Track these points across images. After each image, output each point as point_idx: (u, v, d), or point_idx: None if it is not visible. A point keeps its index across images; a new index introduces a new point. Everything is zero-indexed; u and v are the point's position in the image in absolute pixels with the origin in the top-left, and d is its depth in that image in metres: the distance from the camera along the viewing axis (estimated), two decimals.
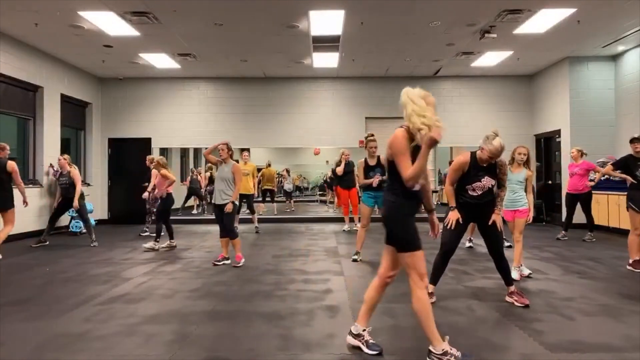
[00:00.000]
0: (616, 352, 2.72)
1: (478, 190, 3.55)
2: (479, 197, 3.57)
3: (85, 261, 5.78)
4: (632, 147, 5.18)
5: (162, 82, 10.71)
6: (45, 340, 2.99)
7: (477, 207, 3.59)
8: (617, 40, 8.11)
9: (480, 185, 3.54)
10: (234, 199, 5.42)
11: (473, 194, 3.56)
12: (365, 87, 10.80)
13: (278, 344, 2.88)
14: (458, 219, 3.57)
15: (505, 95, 10.72)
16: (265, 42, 8.13)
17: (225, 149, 5.51)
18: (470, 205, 3.59)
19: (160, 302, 3.86)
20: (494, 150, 3.43)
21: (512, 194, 4.61)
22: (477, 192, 3.55)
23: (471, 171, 3.53)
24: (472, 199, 3.57)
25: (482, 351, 2.75)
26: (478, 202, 3.58)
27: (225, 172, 5.44)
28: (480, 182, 3.53)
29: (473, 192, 3.56)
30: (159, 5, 6.43)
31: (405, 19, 7.00)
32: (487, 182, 3.54)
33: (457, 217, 3.57)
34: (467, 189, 3.57)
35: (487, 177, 3.54)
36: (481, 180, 3.53)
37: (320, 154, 11.97)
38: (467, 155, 3.59)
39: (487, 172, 3.54)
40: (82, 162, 10.36)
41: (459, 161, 3.59)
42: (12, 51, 7.77)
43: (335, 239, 7.67)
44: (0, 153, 6.15)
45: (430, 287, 3.71)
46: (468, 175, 3.55)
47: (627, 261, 5.15)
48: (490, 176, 3.55)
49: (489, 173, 3.55)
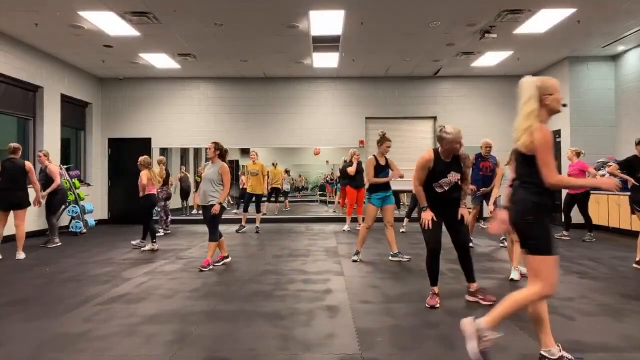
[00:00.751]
0: (616, 352, 2.72)
1: (445, 186, 3.55)
2: (447, 192, 3.57)
3: (85, 261, 5.78)
4: (638, 149, 5.19)
5: (162, 82, 10.72)
6: (45, 340, 2.99)
7: (446, 203, 3.60)
8: (617, 40, 8.11)
9: (447, 181, 3.54)
10: (222, 200, 5.21)
11: (440, 190, 3.56)
12: (365, 87, 10.80)
13: (278, 344, 2.88)
14: (432, 217, 3.55)
15: (506, 95, 10.71)
16: (265, 42, 8.13)
17: (212, 148, 5.35)
18: (438, 202, 3.58)
19: (160, 302, 3.86)
20: (454, 133, 3.43)
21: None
22: (445, 188, 3.56)
23: (436, 168, 3.52)
24: (439, 195, 3.56)
25: None
26: (445, 197, 3.58)
27: (210, 173, 5.29)
28: (447, 178, 3.54)
29: (440, 188, 3.56)
30: (159, 5, 6.43)
31: (405, 19, 7.00)
32: (452, 177, 3.55)
33: (431, 216, 3.55)
34: (434, 186, 3.56)
35: (452, 171, 3.55)
36: (447, 176, 3.53)
37: (320, 154, 11.97)
38: (430, 152, 3.57)
39: (452, 167, 3.55)
40: (82, 162, 10.37)
41: (423, 158, 3.55)
42: (12, 51, 7.77)
43: (335, 239, 7.67)
44: (16, 153, 6.23)
45: (435, 288, 3.73)
46: (434, 172, 3.53)
47: (630, 261, 5.18)
48: (455, 170, 3.56)
49: (454, 167, 3.55)
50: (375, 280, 4.59)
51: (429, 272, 3.72)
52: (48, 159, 7.26)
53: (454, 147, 3.49)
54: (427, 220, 3.53)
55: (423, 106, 10.74)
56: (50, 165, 7.18)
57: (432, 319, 3.34)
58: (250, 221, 9.01)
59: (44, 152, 7.29)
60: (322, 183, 15.50)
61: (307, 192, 15.48)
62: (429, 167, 3.53)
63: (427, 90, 10.78)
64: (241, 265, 5.48)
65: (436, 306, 3.63)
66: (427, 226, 3.54)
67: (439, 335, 3.02)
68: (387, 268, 5.20)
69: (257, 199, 8.54)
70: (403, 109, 10.74)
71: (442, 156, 3.55)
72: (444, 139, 3.48)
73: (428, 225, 3.53)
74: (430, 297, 3.70)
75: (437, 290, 3.75)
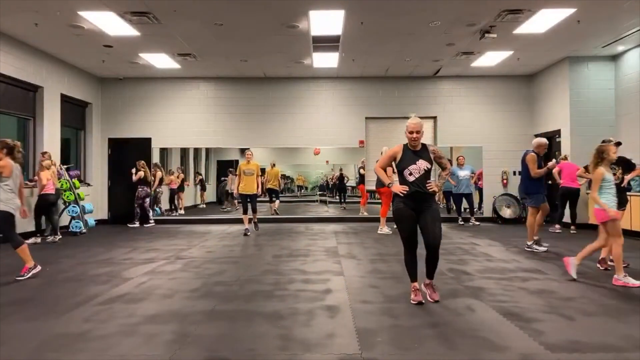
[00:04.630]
0: (616, 352, 2.72)
1: (415, 173, 3.71)
2: (418, 181, 3.70)
3: (85, 261, 5.79)
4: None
5: (162, 82, 10.72)
6: (45, 340, 2.99)
7: (420, 199, 3.71)
8: (617, 40, 8.11)
9: (416, 167, 3.72)
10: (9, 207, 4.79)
11: (411, 178, 3.71)
12: (365, 87, 10.80)
13: (278, 344, 2.88)
14: (404, 190, 3.70)
15: (505, 95, 10.72)
16: (265, 42, 8.13)
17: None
18: (413, 197, 3.71)
19: (160, 302, 3.86)
20: (409, 125, 3.73)
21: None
22: (415, 175, 3.71)
23: (405, 156, 3.77)
24: (413, 185, 3.70)
25: (482, 351, 2.75)
26: (419, 193, 3.69)
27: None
28: (415, 165, 3.72)
29: (410, 176, 3.72)
30: (159, 5, 6.43)
31: (405, 19, 7.00)
32: (421, 164, 3.73)
33: (403, 188, 3.70)
34: (405, 174, 3.74)
35: (421, 160, 3.74)
36: (416, 162, 3.72)
37: (320, 154, 11.96)
38: (400, 145, 3.87)
39: (420, 156, 3.76)
40: (82, 162, 10.37)
41: (392, 150, 3.86)
42: (12, 51, 7.77)
43: (335, 239, 7.67)
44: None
45: (415, 284, 3.80)
46: (403, 161, 3.76)
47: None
48: (424, 160, 3.74)
49: (422, 157, 3.75)
50: (375, 280, 4.59)
51: (408, 269, 3.82)
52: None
53: (409, 134, 3.74)
54: (401, 190, 3.70)
55: (423, 106, 10.74)
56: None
57: (432, 319, 3.34)
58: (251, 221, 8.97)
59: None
60: (322, 183, 15.46)
61: (307, 191, 15.47)
62: (396, 157, 3.80)
63: (427, 90, 10.78)
64: (241, 265, 5.48)
65: (422, 302, 3.70)
66: (402, 193, 3.69)
67: (439, 335, 3.02)
68: (387, 268, 5.20)
69: (251, 199, 8.34)
70: (403, 109, 10.73)
71: (410, 146, 3.79)
72: (407, 125, 3.76)
73: (403, 192, 3.69)
74: (414, 293, 3.76)
75: (418, 285, 3.81)
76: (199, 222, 10.58)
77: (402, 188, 3.70)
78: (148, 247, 6.87)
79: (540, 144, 6.29)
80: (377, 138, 10.77)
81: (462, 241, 7.32)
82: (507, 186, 10.56)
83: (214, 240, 7.72)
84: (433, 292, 3.85)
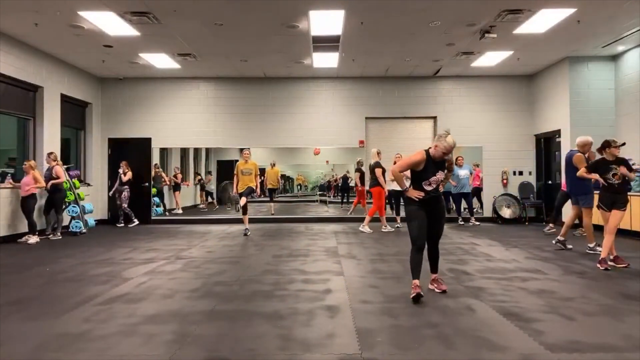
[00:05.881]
0: (616, 352, 2.72)
1: (434, 184, 3.92)
2: (434, 190, 3.93)
3: (85, 261, 5.78)
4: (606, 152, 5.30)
5: (162, 82, 10.72)
6: (45, 340, 2.99)
7: (433, 203, 3.94)
8: (617, 40, 8.11)
9: (435, 179, 3.91)
10: None
11: (428, 188, 3.90)
12: (365, 87, 10.80)
13: (278, 344, 2.88)
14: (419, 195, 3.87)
15: (505, 95, 10.72)
16: (265, 42, 8.13)
17: None
18: (427, 202, 3.91)
19: (160, 302, 3.86)
20: (447, 146, 3.81)
21: None
22: (433, 186, 3.92)
23: (428, 168, 3.88)
24: (428, 193, 3.90)
25: (482, 351, 2.75)
26: (433, 198, 3.92)
27: None
28: (435, 176, 3.91)
29: (429, 186, 3.90)
30: (159, 5, 6.43)
31: (405, 19, 7.00)
32: (440, 175, 3.93)
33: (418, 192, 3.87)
34: (424, 184, 3.90)
35: (440, 171, 3.93)
36: (436, 174, 3.90)
37: (320, 153, 11.96)
38: (422, 153, 3.91)
39: (439, 167, 3.94)
40: (82, 162, 10.36)
41: (415, 159, 3.90)
42: (12, 51, 7.78)
43: (335, 239, 7.67)
44: None
45: (417, 281, 3.86)
46: (425, 171, 3.89)
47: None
48: (442, 171, 3.95)
49: (441, 168, 3.95)
50: (375, 280, 4.59)
51: (413, 267, 3.93)
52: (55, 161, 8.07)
53: (441, 154, 3.87)
54: (416, 194, 3.86)
55: (423, 106, 10.74)
56: (56, 167, 7.98)
57: (432, 319, 3.34)
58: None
59: (53, 156, 8.08)
60: (323, 183, 15.45)
61: (307, 191, 15.47)
62: (418, 166, 3.90)
63: (427, 90, 10.78)
64: (241, 265, 5.48)
65: (421, 294, 3.77)
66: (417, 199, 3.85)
67: (439, 335, 3.02)
68: (387, 268, 5.20)
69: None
70: (403, 109, 10.74)
71: (433, 157, 3.89)
72: (437, 145, 3.84)
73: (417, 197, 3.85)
74: (413, 289, 3.83)
75: (419, 282, 3.87)
76: (199, 222, 10.58)
77: (417, 193, 3.87)
78: (148, 247, 6.88)
79: (586, 142, 6.14)
80: (377, 138, 10.78)
81: (462, 241, 7.32)
82: (507, 186, 10.57)
83: (214, 240, 7.72)
84: (440, 284, 4.10)
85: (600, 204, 5.32)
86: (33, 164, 7.64)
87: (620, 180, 5.12)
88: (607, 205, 5.19)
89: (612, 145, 5.22)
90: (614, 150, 5.22)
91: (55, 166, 7.95)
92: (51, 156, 8.06)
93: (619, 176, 5.12)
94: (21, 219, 7.68)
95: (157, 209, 11.08)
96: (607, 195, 5.22)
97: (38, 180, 7.54)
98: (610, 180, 5.16)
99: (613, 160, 5.22)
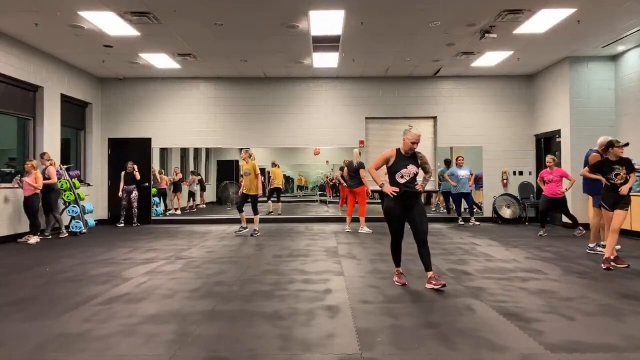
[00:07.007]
0: (616, 352, 2.72)
1: (406, 176, 4.18)
2: (408, 183, 4.18)
3: (85, 261, 5.78)
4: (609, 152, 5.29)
5: (162, 82, 10.72)
6: (45, 340, 2.98)
7: (408, 197, 4.18)
8: (617, 40, 8.11)
9: (407, 171, 4.18)
10: None
11: (401, 180, 4.17)
12: (365, 87, 10.80)
13: (278, 344, 2.88)
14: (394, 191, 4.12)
15: (505, 95, 10.72)
16: (265, 42, 8.14)
17: None
18: (403, 196, 4.16)
19: (160, 302, 3.86)
20: (413, 136, 4.16)
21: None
22: (406, 178, 4.18)
23: (399, 161, 4.21)
24: (403, 186, 4.16)
25: (482, 351, 2.75)
26: (406, 190, 4.15)
27: None
28: (406, 169, 4.18)
29: (402, 178, 4.18)
30: (159, 5, 6.43)
31: (405, 19, 7.00)
32: (411, 168, 4.20)
33: (394, 189, 4.12)
34: (397, 176, 4.19)
35: (411, 164, 4.21)
36: (407, 167, 4.19)
37: (320, 153, 11.97)
38: (393, 149, 4.30)
39: (411, 161, 4.23)
40: (82, 162, 10.36)
41: (386, 155, 4.27)
42: (12, 51, 7.78)
43: (335, 239, 7.67)
44: None
45: (399, 269, 4.42)
46: (396, 164, 4.20)
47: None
48: (414, 164, 4.23)
49: (412, 162, 4.24)
50: (375, 280, 4.59)
51: (393, 255, 4.40)
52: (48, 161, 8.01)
53: (410, 145, 4.19)
54: (391, 190, 4.12)
55: (423, 106, 10.74)
56: (49, 168, 7.93)
57: (432, 319, 3.34)
58: (249, 221, 8.95)
59: (46, 157, 8.06)
60: (322, 183, 15.46)
61: (307, 191, 15.47)
62: (389, 161, 4.23)
63: (427, 90, 10.78)
64: (241, 265, 5.48)
65: (405, 283, 4.29)
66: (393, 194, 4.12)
67: (439, 335, 3.02)
68: (387, 268, 5.19)
69: (252, 199, 8.16)
70: (403, 109, 10.74)
71: (403, 152, 4.24)
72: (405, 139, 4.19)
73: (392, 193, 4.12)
74: (397, 277, 4.40)
75: (401, 270, 4.44)
76: (199, 222, 10.58)
77: (393, 189, 4.14)
78: (148, 247, 6.88)
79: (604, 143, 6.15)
80: (377, 138, 10.78)
81: (462, 241, 7.32)
82: (507, 186, 10.57)
83: (214, 240, 7.72)
84: (437, 280, 4.17)
85: (602, 202, 5.34)
86: (35, 163, 7.63)
87: (623, 181, 5.13)
88: (610, 204, 5.19)
89: (615, 146, 5.21)
90: (617, 151, 5.21)
91: (48, 167, 7.94)
92: (44, 156, 8.01)
93: (622, 176, 5.12)
94: (21, 219, 7.69)
95: (157, 208, 11.09)
96: (609, 195, 5.22)
97: (38, 180, 7.54)
98: (613, 180, 5.15)
99: (616, 160, 5.21)
